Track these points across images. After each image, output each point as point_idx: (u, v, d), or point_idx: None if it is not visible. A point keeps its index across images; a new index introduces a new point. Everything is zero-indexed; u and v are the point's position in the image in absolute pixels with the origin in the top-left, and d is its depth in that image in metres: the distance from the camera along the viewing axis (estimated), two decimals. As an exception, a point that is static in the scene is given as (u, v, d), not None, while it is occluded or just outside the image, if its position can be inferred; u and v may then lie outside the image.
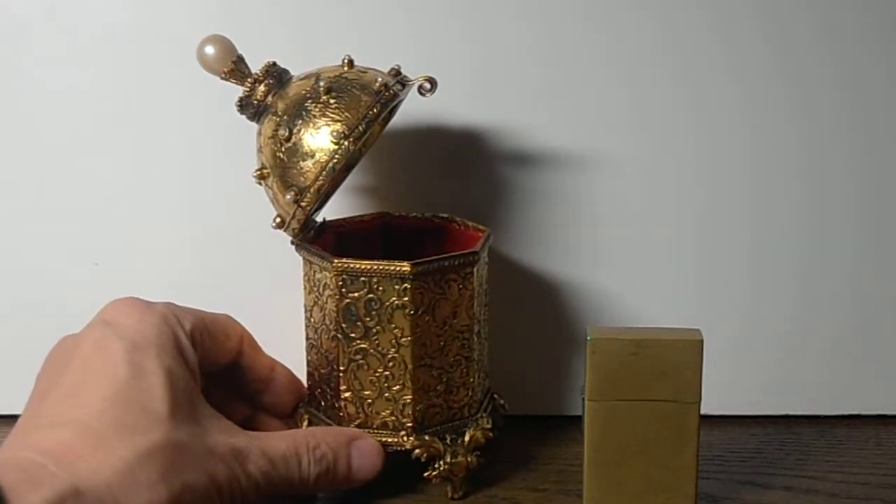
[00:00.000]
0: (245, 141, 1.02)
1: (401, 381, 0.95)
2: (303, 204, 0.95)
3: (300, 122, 0.95)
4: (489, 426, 1.00)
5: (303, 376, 1.03)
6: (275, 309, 1.09)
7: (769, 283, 1.11)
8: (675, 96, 1.09)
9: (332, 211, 1.06)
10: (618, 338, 0.90)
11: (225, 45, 0.98)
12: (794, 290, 1.12)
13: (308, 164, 0.95)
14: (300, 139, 0.95)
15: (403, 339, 0.95)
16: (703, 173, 1.10)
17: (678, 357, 0.89)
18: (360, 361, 0.96)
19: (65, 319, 1.10)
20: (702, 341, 0.89)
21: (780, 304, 1.12)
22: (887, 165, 1.10)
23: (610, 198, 1.10)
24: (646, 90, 1.09)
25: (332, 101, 0.95)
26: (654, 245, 1.11)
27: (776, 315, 1.12)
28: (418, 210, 1.09)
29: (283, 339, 1.07)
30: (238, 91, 0.98)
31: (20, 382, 1.12)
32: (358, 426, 0.97)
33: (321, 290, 0.97)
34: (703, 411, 0.90)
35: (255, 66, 0.99)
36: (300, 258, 1.00)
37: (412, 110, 1.05)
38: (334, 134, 0.94)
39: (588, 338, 0.90)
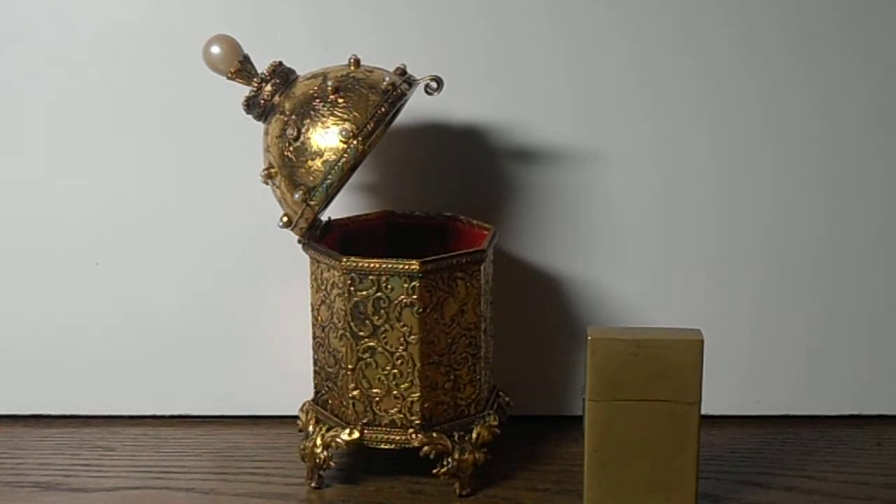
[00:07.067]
0: (250, 140, 1.07)
1: (409, 379, 1.01)
2: (311, 203, 1.00)
3: (308, 121, 1.00)
4: (496, 423, 1.06)
5: (309, 375, 1.08)
6: (280, 307, 1.15)
7: (770, 284, 1.16)
8: (682, 95, 1.13)
9: (337, 209, 1.10)
10: (618, 338, 0.95)
11: (231, 45, 1.02)
12: (795, 291, 1.17)
13: (317, 163, 0.99)
14: (308, 138, 1.00)
15: (412, 337, 1.00)
16: (708, 173, 1.15)
17: (678, 357, 0.94)
18: (369, 359, 1.01)
19: (65, 319, 1.18)
20: (702, 341, 0.94)
21: (781, 305, 1.17)
22: None
23: (613, 196, 1.15)
24: (650, 88, 1.13)
25: (340, 100, 1.00)
26: (655, 244, 1.16)
27: (776, 315, 1.17)
28: (422, 208, 1.14)
29: (290, 337, 1.14)
30: (244, 91, 1.03)
31: (21, 382, 1.20)
32: (366, 424, 1.03)
33: (329, 288, 1.02)
34: (703, 411, 0.95)
35: (261, 66, 1.03)
36: (306, 257, 1.05)
37: (416, 108, 1.10)
38: (343, 133, 0.99)
39: (588, 338, 0.95)
